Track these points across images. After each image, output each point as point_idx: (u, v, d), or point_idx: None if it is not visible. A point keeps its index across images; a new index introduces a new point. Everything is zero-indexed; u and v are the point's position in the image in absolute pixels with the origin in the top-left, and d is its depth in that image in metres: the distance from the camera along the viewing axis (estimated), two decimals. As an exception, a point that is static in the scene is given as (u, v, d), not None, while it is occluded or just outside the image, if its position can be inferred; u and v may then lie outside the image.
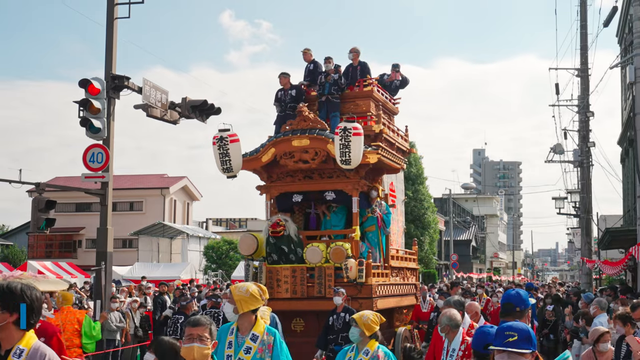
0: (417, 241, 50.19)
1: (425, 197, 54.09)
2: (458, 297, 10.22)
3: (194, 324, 5.59)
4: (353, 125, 13.85)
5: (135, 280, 37.52)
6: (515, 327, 4.53)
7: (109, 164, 17.78)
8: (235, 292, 7.06)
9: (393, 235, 16.58)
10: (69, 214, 55.76)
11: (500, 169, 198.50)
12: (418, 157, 53.87)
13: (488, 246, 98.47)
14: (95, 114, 16.91)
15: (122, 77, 18.00)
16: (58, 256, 53.50)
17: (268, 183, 15.39)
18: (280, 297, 14.58)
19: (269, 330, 7.16)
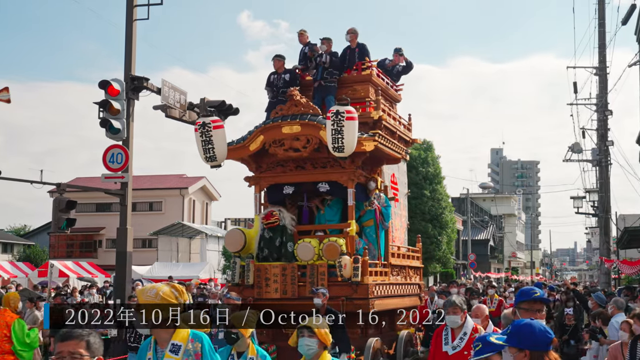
0: (435, 241, 49.96)
1: (443, 196, 52.14)
2: (461, 296, 8.56)
3: (64, 337, 3.96)
4: (346, 109, 12.09)
5: (155, 279, 36.38)
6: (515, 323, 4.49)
7: (129, 164, 17.53)
8: (142, 296, 5.35)
9: (395, 232, 14.78)
10: (90, 214, 54.61)
11: (518, 168, 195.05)
12: (435, 157, 52.06)
13: (506, 246, 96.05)
14: (115, 114, 16.58)
15: (141, 78, 17.73)
16: (79, 256, 52.48)
17: (257, 174, 13.66)
18: (270, 298, 12.89)
19: (195, 336, 5.46)
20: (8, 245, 59.93)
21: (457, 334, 8.05)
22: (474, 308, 9.36)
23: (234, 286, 13.20)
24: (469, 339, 7.90)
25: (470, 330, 8.02)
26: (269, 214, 12.97)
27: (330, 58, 14.24)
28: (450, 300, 8.17)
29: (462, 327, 8.09)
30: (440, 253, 51.13)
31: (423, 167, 50.04)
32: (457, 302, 8.06)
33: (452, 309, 8.03)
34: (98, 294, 29.52)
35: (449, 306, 8.10)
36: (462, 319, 8.09)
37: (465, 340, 7.94)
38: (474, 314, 9.17)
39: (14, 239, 62.71)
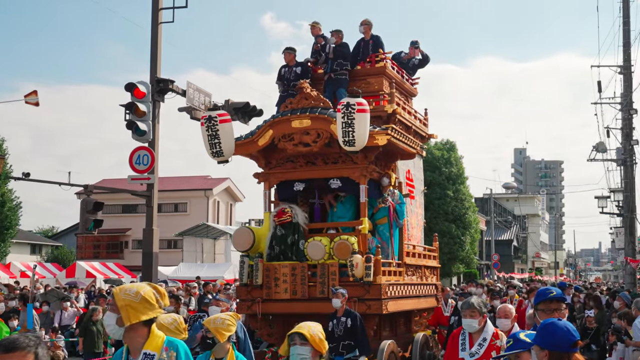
0: (458, 241, 48.99)
1: (466, 196, 51.31)
2: (481, 297, 7.65)
3: (7, 348, 3.27)
4: (357, 101, 11.29)
5: (181, 280, 36.00)
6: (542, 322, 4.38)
7: (155, 165, 17.38)
8: (120, 295, 4.59)
9: (411, 230, 13.94)
10: (116, 216, 54.27)
11: (541, 168, 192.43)
12: (458, 157, 51.24)
13: (530, 246, 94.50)
14: (140, 116, 16.35)
15: (166, 81, 17.55)
16: (105, 257, 52.25)
17: (266, 170, 12.90)
18: (279, 299, 12.14)
19: (170, 344, 4.69)
20: (36, 247, 59.85)
21: (476, 339, 7.16)
22: (500, 308, 8.54)
23: (243, 286, 12.48)
24: (488, 345, 7.05)
25: (491, 336, 7.12)
26: (280, 211, 12.22)
27: (332, 49, 13.48)
28: (468, 302, 7.22)
29: (482, 332, 7.17)
30: (464, 253, 50.36)
31: (446, 167, 49.31)
32: (475, 304, 7.11)
33: (470, 312, 7.12)
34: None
35: (466, 308, 7.17)
36: (481, 323, 7.14)
37: (484, 347, 7.06)
38: (502, 315, 8.36)
39: (42, 240, 62.66)
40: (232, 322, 6.43)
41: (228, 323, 6.40)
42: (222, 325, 6.35)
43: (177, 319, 5.79)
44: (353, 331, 10.78)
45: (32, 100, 22.44)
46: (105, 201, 18.85)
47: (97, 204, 16.76)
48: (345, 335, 10.76)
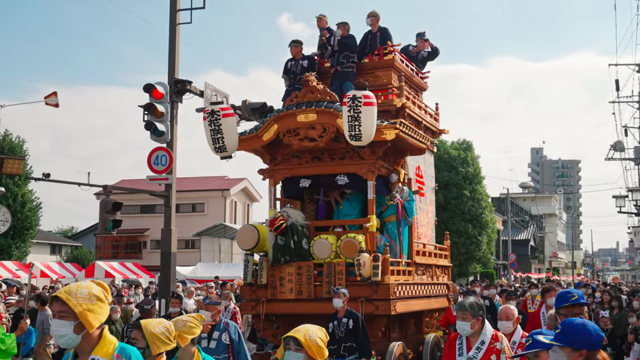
0: (475, 241, 48.22)
1: (483, 196, 50.53)
2: (476, 298, 6.96)
3: None
4: (363, 93, 10.70)
5: (199, 280, 35.69)
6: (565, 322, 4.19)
7: (173, 166, 17.20)
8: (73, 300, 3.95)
9: (422, 228, 13.32)
10: (134, 216, 53.96)
11: (558, 167, 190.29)
12: (475, 157, 50.51)
13: (547, 246, 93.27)
14: (159, 117, 16.22)
15: (184, 82, 17.36)
16: (124, 257, 51.98)
17: (271, 166, 12.34)
18: (284, 299, 11.58)
19: (122, 351, 4.11)
20: (56, 247, 59.69)
21: (473, 343, 6.58)
22: (501, 309, 7.90)
23: (247, 286, 11.94)
24: (487, 349, 6.47)
25: (490, 339, 6.53)
26: (272, 220, 11.59)
27: (338, 41, 12.91)
28: (460, 303, 6.62)
29: (479, 334, 6.57)
30: (481, 253, 49.68)
31: (463, 167, 48.64)
32: (466, 305, 6.51)
33: (461, 314, 6.53)
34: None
35: (458, 310, 6.58)
36: (475, 325, 6.52)
37: (483, 351, 6.49)
38: (503, 316, 7.75)
39: (61, 240, 62.51)
40: (195, 324, 5.86)
41: (190, 325, 5.82)
42: (184, 328, 5.77)
43: (169, 327, 5.21)
44: (354, 332, 10.22)
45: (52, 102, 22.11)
46: (123, 202, 18.56)
47: (116, 204, 16.67)
48: (347, 336, 10.19)
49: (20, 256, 46.93)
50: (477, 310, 6.50)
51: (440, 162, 47.99)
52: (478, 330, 6.54)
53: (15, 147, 46.39)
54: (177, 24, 18.18)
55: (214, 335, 8.69)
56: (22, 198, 47.01)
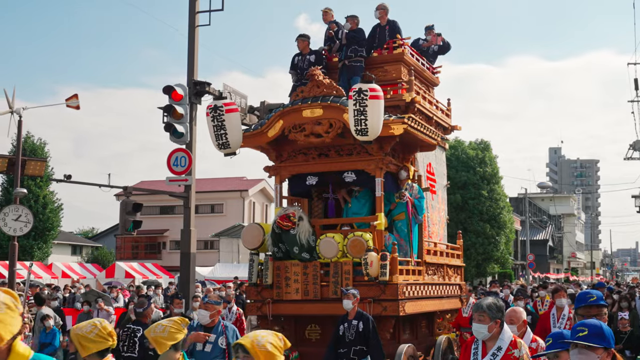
0: (493, 241, 47.44)
1: (501, 196, 49.70)
2: (496, 299, 6.31)
3: None
4: (370, 87, 10.17)
5: (218, 280, 35.35)
6: (587, 323, 4.15)
7: (192, 167, 17.21)
8: None
9: (433, 226, 12.75)
10: (154, 217, 53.56)
11: (577, 167, 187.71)
12: (493, 157, 49.74)
13: (565, 246, 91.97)
14: (178, 119, 16.18)
15: (203, 83, 17.31)
16: (144, 257, 51.67)
17: (277, 163, 11.84)
18: (290, 299, 11.07)
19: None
20: (77, 247, 59.58)
21: (490, 347, 5.96)
22: (508, 311, 7.36)
23: (252, 286, 11.45)
24: (504, 355, 5.87)
25: (507, 345, 5.90)
26: (284, 216, 11.00)
27: (346, 34, 12.40)
28: (478, 304, 5.99)
29: (496, 339, 5.93)
30: (499, 253, 48.88)
31: (480, 167, 47.94)
32: (484, 306, 5.89)
33: (478, 315, 5.92)
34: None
35: (475, 311, 5.97)
36: (492, 329, 5.89)
37: (499, 357, 5.88)
38: (507, 319, 7.20)
39: (82, 241, 62.40)
40: (176, 328, 5.27)
41: (171, 330, 5.24)
42: (163, 333, 5.20)
43: (97, 324, 4.66)
44: (365, 335, 9.68)
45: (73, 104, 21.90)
46: (143, 203, 18.49)
47: (136, 205, 16.69)
48: (357, 339, 9.66)
49: (42, 257, 46.86)
50: (495, 312, 5.87)
51: (458, 163, 47.38)
52: (496, 334, 5.91)
53: (37, 149, 46.37)
54: (196, 26, 18.18)
55: (211, 339, 8.18)
56: (44, 199, 46.95)
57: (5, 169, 21.27)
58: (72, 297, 24.37)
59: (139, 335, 9.18)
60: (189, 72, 17.83)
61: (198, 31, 18.23)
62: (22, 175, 20.62)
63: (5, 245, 40.05)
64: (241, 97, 17.85)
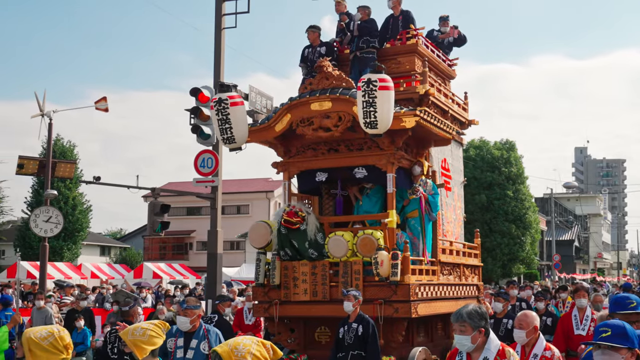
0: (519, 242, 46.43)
1: (526, 196, 48.79)
2: (475, 305, 5.48)
3: None
4: (379, 77, 9.45)
5: (244, 281, 35.00)
6: (610, 324, 4.10)
7: (218, 168, 17.09)
8: None
9: (447, 225, 12.00)
10: (181, 218, 53.33)
11: (603, 167, 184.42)
12: (518, 157, 48.82)
13: (592, 246, 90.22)
14: (205, 120, 15.88)
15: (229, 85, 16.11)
16: (171, 258, 51.48)
17: (285, 159, 11.17)
18: (298, 300, 10.40)
19: None
20: (106, 248, 59.55)
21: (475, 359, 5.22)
22: (518, 315, 6.63)
23: (259, 287, 10.80)
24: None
25: (495, 355, 5.15)
26: (292, 212, 10.41)
27: (357, 25, 11.71)
28: (457, 313, 5.21)
29: (482, 350, 5.16)
30: (524, 254, 48.00)
31: (506, 167, 47.12)
32: (464, 315, 5.12)
33: (459, 326, 5.16)
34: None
35: (454, 321, 5.19)
36: (477, 339, 5.09)
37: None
38: (516, 324, 6.48)
39: (110, 242, 62.37)
40: (156, 332, 4.64)
41: (150, 334, 4.61)
42: (142, 337, 4.58)
43: (55, 332, 4.07)
44: (364, 340, 8.99)
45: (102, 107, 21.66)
46: (170, 204, 18.47)
47: (164, 206, 16.66)
48: (355, 344, 8.97)
49: (71, 257, 46.80)
50: (478, 321, 5.08)
51: (483, 163, 46.63)
52: (481, 344, 5.14)
53: (67, 151, 46.37)
54: (222, 28, 18.04)
55: (192, 344, 7.52)
56: (73, 201, 46.90)
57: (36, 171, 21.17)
58: (102, 297, 24.12)
59: None
60: (215, 74, 17.73)
61: (224, 33, 18.12)
62: (52, 177, 20.68)
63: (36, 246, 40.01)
64: (267, 99, 17.70)
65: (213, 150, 16.94)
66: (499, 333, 10.51)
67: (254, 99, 17.23)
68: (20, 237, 46.88)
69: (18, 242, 46.98)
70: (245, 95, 17.02)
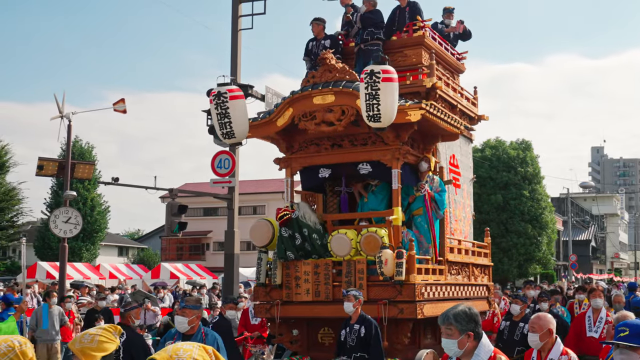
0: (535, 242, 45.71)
1: (543, 196, 48.02)
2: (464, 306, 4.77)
3: None
4: (382, 68, 8.96)
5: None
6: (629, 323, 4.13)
7: (235, 169, 17.22)
8: None
9: (456, 222, 11.45)
10: (197, 219, 52.94)
11: (620, 166, 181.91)
12: (534, 156, 48.08)
13: (608, 246, 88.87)
14: None
15: (245, 86, 16.90)
16: (188, 258, 51.17)
17: (288, 155, 10.69)
18: (300, 301, 9.91)
19: None
20: (123, 249, 59.50)
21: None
22: (531, 318, 6.12)
23: (260, 287, 10.33)
24: None
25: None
26: (278, 209, 10.16)
27: (360, 16, 11.22)
28: (444, 314, 4.54)
29: (471, 355, 4.50)
30: (541, 254, 47.26)
31: (522, 167, 46.43)
32: (451, 317, 4.49)
33: (445, 328, 4.53)
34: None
35: (441, 324, 4.54)
36: (465, 343, 4.44)
37: None
38: (530, 327, 5.98)
39: (128, 242, 62.30)
40: (106, 337, 4.18)
41: (100, 340, 4.15)
42: (91, 343, 4.12)
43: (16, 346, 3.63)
44: (367, 342, 8.50)
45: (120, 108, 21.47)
46: (187, 204, 18.46)
47: (181, 207, 16.68)
48: (358, 346, 8.49)
49: (90, 258, 46.76)
50: (466, 324, 4.43)
51: (499, 163, 46.00)
52: (470, 349, 4.50)
53: (85, 152, 46.38)
54: (238, 30, 18.09)
55: None
56: (92, 202, 46.87)
57: (56, 172, 21.10)
58: (120, 297, 23.96)
59: (122, 340, 8.16)
60: (232, 75, 17.58)
61: (241, 35, 18.12)
62: (71, 178, 20.71)
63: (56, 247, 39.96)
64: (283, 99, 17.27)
65: (230, 151, 16.93)
66: (515, 337, 10.00)
67: (270, 99, 17.17)
68: (40, 237, 46.93)
69: (37, 243, 47.04)
70: (262, 96, 17.23)
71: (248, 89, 16.74)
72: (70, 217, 19.46)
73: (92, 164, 26.19)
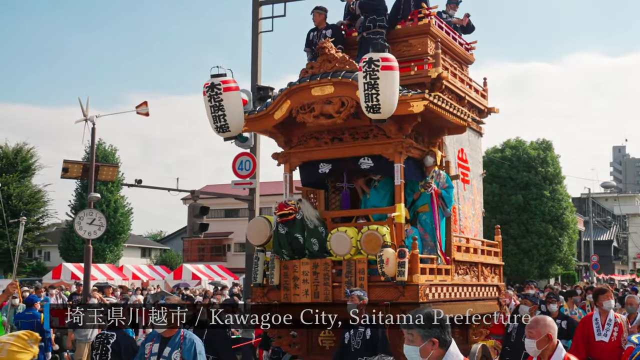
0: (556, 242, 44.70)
1: (564, 196, 47.03)
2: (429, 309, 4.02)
3: None
4: (382, 56, 8.25)
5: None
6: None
7: (256, 171, 17.16)
8: None
9: (465, 220, 10.68)
10: (219, 220, 52.59)
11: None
12: (555, 156, 47.13)
13: (631, 247, 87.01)
14: None
15: (266, 88, 16.59)
16: (209, 259, 50.88)
17: (286, 149, 10.03)
18: (298, 302, 9.20)
19: None
20: (146, 250, 59.35)
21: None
22: (528, 323, 5.41)
23: (257, 287, 9.68)
24: None
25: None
26: (281, 204, 9.41)
27: (359, 3, 10.53)
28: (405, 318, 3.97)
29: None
30: (562, 254, 46.31)
31: (542, 167, 45.53)
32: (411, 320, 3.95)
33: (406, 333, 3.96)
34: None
35: (402, 327, 3.95)
36: (429, 351, 3.83)
37: None
38: (526, 332, 5.28)
39: (151, 244, 62.15)
40: (18, 346, 3.63)
41: (10, 349, 3.60)
42: (1, 353, 3.59)
43: None
44: (373, 345, 7.83)
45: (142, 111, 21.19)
46: (209, 206, 18.50)
47: (203, 208, 16.72)
48: (363, 349, 7.83)
49: (113, 259, 46.63)
50: (428, 329, 3.84)
51: (519, 163, 45.15)
52: (435, 357, 3.90)
53: (109, 155, 46.34)
54: (259, 32, 17.90)
55: (165, 352, 6.45)
56: (115, 204, 46.77)
57: (80, 174, 20.96)
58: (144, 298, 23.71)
59: (112, 342, 7.76)
60: (253, 77, 17.54)
61: (261, 37, 17.94)
62: (95, 180, 20.65)
63: (80, 248, 39.81)
64: None
65: (251, 153, 16.82)
66: (523, 340, 9.25)
67: (271, 92, 16.91)
68: (65, 239, 46.89)
69: (62, 244, 47.01)
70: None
71: (269, 91, 16.18)
72: (94, 218, 19.36)
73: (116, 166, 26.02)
